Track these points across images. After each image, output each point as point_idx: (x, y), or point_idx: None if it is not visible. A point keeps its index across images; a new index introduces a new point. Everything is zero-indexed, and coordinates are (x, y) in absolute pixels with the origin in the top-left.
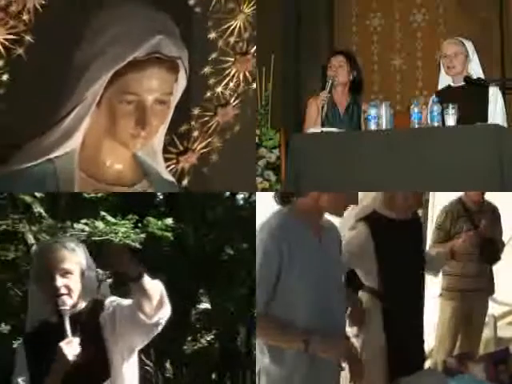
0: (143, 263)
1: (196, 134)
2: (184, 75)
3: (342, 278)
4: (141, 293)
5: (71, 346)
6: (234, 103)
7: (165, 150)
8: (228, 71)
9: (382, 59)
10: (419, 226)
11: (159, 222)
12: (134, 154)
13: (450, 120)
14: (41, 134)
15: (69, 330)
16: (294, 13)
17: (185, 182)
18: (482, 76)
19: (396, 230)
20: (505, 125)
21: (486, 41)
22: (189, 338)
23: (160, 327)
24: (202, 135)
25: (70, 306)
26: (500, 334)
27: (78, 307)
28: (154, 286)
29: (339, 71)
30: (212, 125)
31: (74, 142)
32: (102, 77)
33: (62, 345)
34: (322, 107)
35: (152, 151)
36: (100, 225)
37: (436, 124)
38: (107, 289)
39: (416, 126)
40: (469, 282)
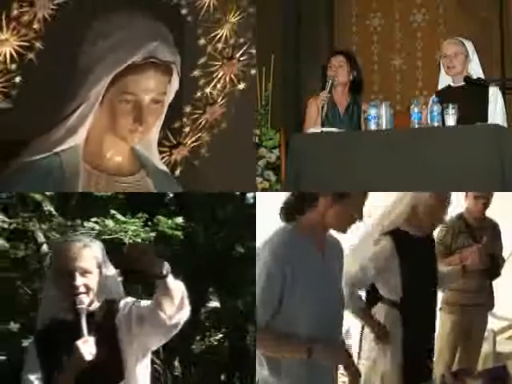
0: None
1: (187, 129)
2: (177, 77)
3: (343, 292)
4: (163, 292)
5: (88, 346)
6: (221, 102)
7: (159, 144)
8: (216, 74)
9: (382, 59)
10: (433, 243)
11: (169, 221)
12: (133, 147)
13: (450, 120)
14: (48, 130)
15: (85, 330)
16: (293, 13)
17: (177, 172)
18: (482, 76)
19: (415, 247)
20: (505, 125)
21: (486, 41)
22: (198, 337)
23: (178, 328)
24: (192, 131)
25: (86, 305)
26: (499, 348)
27: (93, 306)
28: (177, 287)
29: (339, 71)
30: (201, 121)
31: (79, 137)
32: (104, 79)
33: (79, 344)
34: (322, 107)
35: (148, 145)
36: (110, 223)
37: (436, 124)
38: (121, 288)
39: (416, 126)
40: (469, 297)
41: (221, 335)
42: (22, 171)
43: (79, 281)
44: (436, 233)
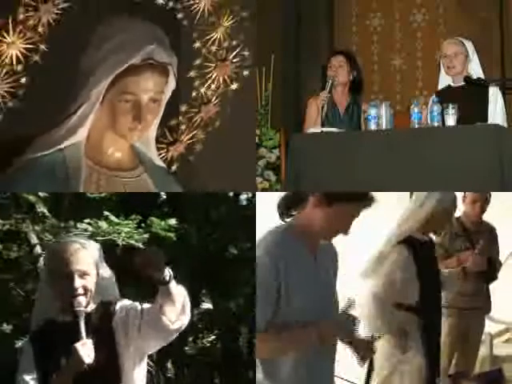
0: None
1: (183, 127)
2: (173, 78)
3: (336, 297)
4: (166, 297)
5: (86, 348)
6: (215, 102)
7: (157, 141)
8: (210, 75)
9: (382, 59)
10: (434, 246)
11: (162, 223)
12: (132, 144)
13: (450, 120)
14: (52, 128)
15: (84, 332)
16: (294, 13)
17: (174, 168)
18: (482, 76)
19: (425, 252)
20: (505, 125)
21: (486, 41)
22: (190, 339)
23: (178, 333)
24: (188, 128)
25: (84, 307)
26: (496, 352)
27: (89, 308)
28: (179, 292)
29: (339, 71)
30: (197, 120)
31: (81, 135)
32: (105, 80)
33: (78, 346)
34: (322, 107)
35: (146, 142)
36: (103, 225)
37: (436, 124)
38: (116, 289)
39: (416, 126)
40: (466, 301)
41: (213, 337)
42: (27, 167)
43: (78, 283)
44: (434, 236)
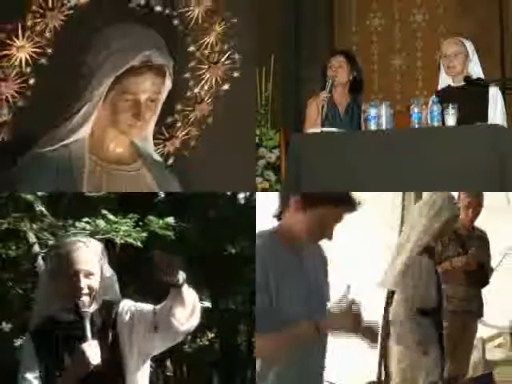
0: (144, 262)
1: (179, 124)
2: (170, 79)
3: (328, 299)
4: (177, 300)
5: (93, 349)
6: (208, 101)
7: (155, 137)
8: (203, 76)
9: (382, 59)
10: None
11: (160, 221)
12: (131, 140)
13: (450, 120)
14: (57, 126)
15: (89, 333)
16: (293, 13)
17: (170, 162)
18: (482, 76)
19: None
20: (505, 125)
21: (486, 41)
22: (189, 337)
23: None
24: (183, 125)
25: (89, 307)
26: (488, 356)
27: (92, 307)
28: (191, 294)
29: (339, 71)
30: (191, 117)
31: (84, 132)
32: (107, 80)
33: (85, 347)
34: (322, 107)
35: (145, 138)
36: (101, 223)
37: (436, 124)
38: (117, 289)
39: (416, 126)
40: (458, 305)
41: (212, 335)
42: (35, 161)
43: (83, 282)
44: None
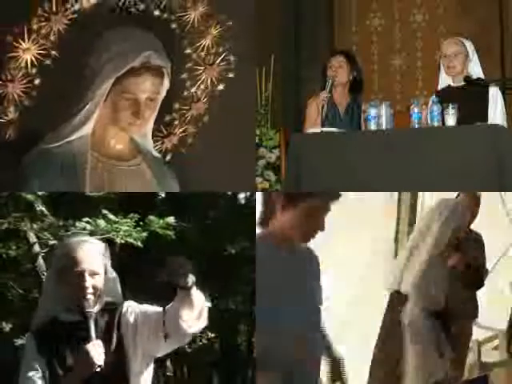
0: (145, 261)
1: (176, 122)
2: (167, 79)
3: (320, 300)
4: (186, 302)
5: (97, 349)
6: (204, 100)
7: (153, 134)
8: (199, 77)
9: (382, 59)
10: None
11: (161, 221)
12: (131, 137)
13: (450, 120)
14: (62, 124)
15: (94, 333)
16: (293, 13)
17: (168, 158)
18: (482, 76)
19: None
20: (505, 125)
21: (486, 41)
22: None
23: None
24: (180, 123)
25: (93, 308)
26: (484, 359)
27: (96, 308)
28: (199, 297)
29: (339, 71)
30: (188, 116)
31: (87, 129)
32: (108, 81)
33: (89, 347)
34: (322, 107)
35: (144, 135)
36: (102, 223)
37: (436, 124)
38: (119, 290)
39: (416, 126)
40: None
41: (212, 335)
42: (40, 157)
43: (89, 282)
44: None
